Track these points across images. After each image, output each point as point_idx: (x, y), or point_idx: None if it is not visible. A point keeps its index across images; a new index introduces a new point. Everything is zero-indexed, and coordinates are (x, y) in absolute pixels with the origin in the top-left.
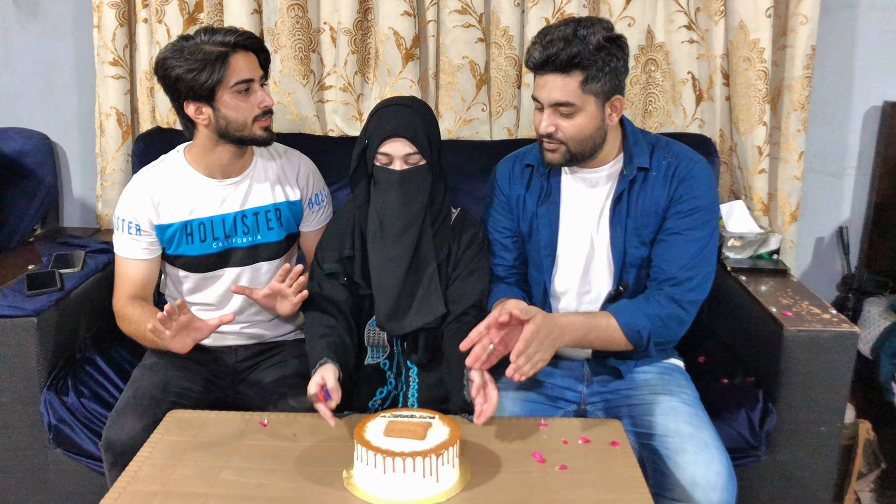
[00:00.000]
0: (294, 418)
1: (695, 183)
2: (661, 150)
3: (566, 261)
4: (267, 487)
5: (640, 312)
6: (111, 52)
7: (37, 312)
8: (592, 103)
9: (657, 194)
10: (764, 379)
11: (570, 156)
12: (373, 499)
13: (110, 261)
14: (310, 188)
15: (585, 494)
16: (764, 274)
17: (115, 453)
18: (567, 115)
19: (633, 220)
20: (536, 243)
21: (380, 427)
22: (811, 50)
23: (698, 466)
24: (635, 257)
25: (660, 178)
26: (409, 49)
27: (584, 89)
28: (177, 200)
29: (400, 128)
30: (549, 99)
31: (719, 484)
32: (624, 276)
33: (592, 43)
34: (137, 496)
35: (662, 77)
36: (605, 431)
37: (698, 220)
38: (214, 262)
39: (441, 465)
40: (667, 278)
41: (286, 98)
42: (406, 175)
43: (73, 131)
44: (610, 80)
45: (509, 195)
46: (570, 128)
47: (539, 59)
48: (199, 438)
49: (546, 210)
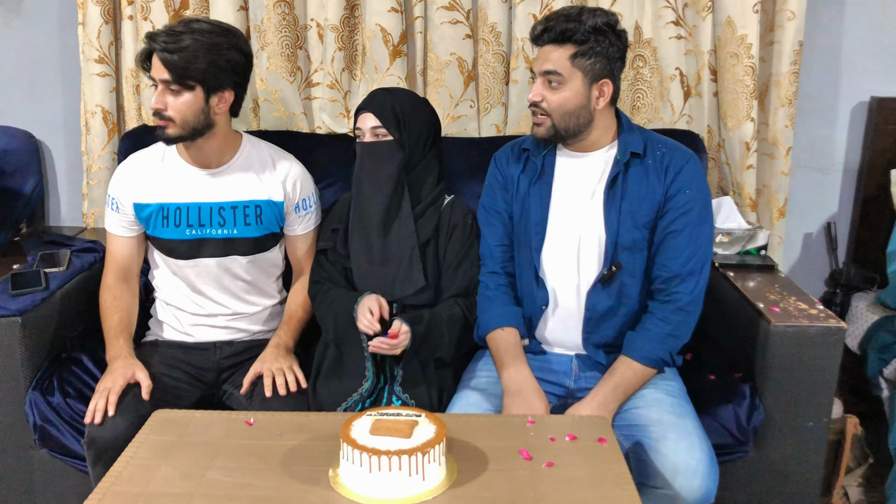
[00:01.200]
0: (280, 417)
1: (691, 178)
2: (654, 140)
3: (556, 239)
4: (252, 487)
5: (654, 341)
6: (96, 50)
7: (21, 312)
8: (579, 80)
9: (653, 182)
10: (751, 374)
11: (555, 130)
12: (359, 498)
13: (96, 260)
14: (297, 193)
15: (573, 492)
16: (752, 270)
17: (98, 450)
18: (554, 86)
19: (627, 203)
20: (526, 221)
21: (366, 426)
22: (798, 45)
23: (679, 454)
24: (628, 240)
25: (655, 165)
26: (397, 45)
27: (573, 63)
28: (157, 182)
29: (369, 103)
30: (540, 68)
31: (700, 470)
32: (615, 258)
33: (588, 23)
34: (121, 496)
35: (650, 73)
36: (593, 428)
37: (695, 216)
38: (188, 250)
39: (427, 463)
40: (670, 276)
41: (273, 95)
42: (371, 146)
43: (58, 129)
44: (600, 62)
45: (506, 174)
46: (555, 99)
47: (539, 29)
48: (185, 438)
49: (538, 189)
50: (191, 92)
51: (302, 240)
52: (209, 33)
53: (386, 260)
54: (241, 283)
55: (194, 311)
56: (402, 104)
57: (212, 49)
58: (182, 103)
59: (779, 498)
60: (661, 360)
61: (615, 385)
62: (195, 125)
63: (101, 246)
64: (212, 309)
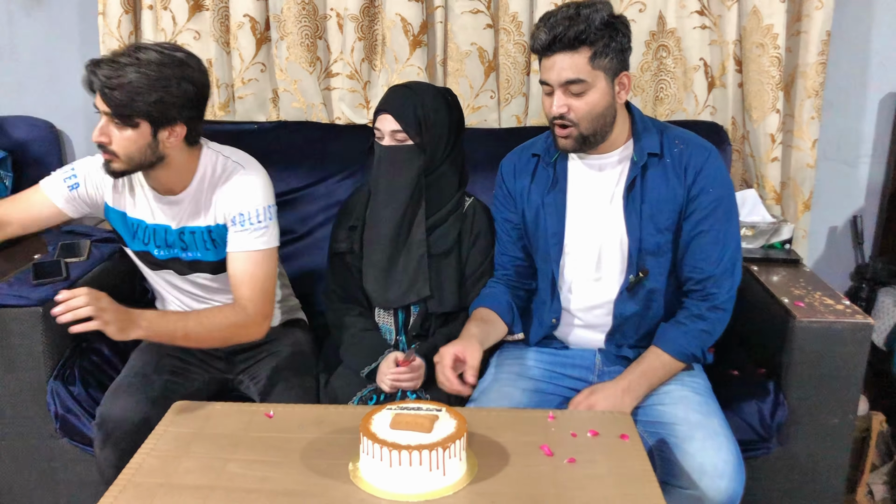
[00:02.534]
0: (299, 410)
1: (713, 176)
2: (670, 135)
3: (575, 249)
4: (273, 480)
5: (688, 336)
6: (116, 40)
7: (43, 302)
8: (602, 79)
9: (672, 183)
10: (776, 370)
11: (583, 139)
12: (379, 492)
13: (116, 250)
14: (233, 207)
15: (594, 488)
16: (776, 264)
17: (107, 431)
18: (578, 93)
19: (648, 206)
20: (544, 232)
21: (386, 420)
22: (826, 36)
23: (706, 454)
24: (652, 244)
25: (673, 164)
26: (417, 35)
27: (593, 65)
28: (128, 195)
29: (389, 105)
30: (559, 79)
31: (727, 472)
32: (641, 264)
33: (596, 20)
34: (141, 488)
35: (674, 63)
36: (615, 424)
37: (723, 213)
38: (158, 262)
39: (448, 458)
40: (705, 277)
41: (292, 86)
42: (390, 151)
43: (78, 119)
44: (616, 57)
45: (512, 188)
46: (582, 106)
47: (546, 39)
48: (204, 430)
49: (553, 198)
50: (134, 129)
51: (233, 259)
52: (157, 65)
53: (394, 267)
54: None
55: (180, 306)
56: (425, 104)
57: (158, 83)
58: (125, 139)
59: (803, 495)
60: (692, 355)
61: (642, 372)
62: (141, 161)
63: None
64: (197, 305)
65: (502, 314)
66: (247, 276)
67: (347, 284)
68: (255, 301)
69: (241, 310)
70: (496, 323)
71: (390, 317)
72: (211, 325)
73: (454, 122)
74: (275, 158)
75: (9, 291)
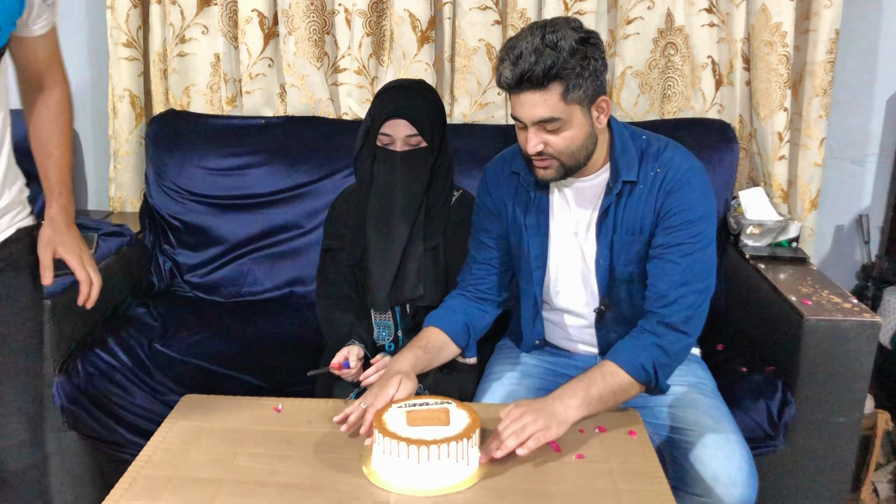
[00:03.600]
0: (309, 404)
1: (685, 194)
2: (650, 158)
3: (557, 273)
4: (282, 474)
5: (639, 346)
6: (124, 34)
7: (50, 295)
8: (578, 112)
9: (644, 209)
10: (783, 368)
11: (565, 170)
12: (393, 487)
13: (123, 244)
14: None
15: (602, 484)
16: (783, 262)
17: None
18: (554, 130)
19: (619, 236)
20: (526, 254)
21: (400, 418)
22: (835, 34)
23: (719, 461)
24: (624, 273)
25: (646, 190)
26: (425, 31)
27: (567, 100)
28: None
29: (402, 109)
30: (531, 117)
31: (740, 480)
32: (614, 293)
33: (566, 49)
34: (151, 481)
35: (682, 61)
36: (623, 421)
37: (689, 233)
38: None
39: (471, 447)
40: (657, 297)
41: (300, 81)
42: (406, 156)
43: (86, 113)
44: (591, 84)
45: (497, 200)
46: (559, 142)
47: (512, 78)
48: (213, 424)
49: (535, 220)
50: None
51: (43, 42)
52: None
53: (404, 267)
54: None
55: None
56: (431, 104)
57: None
58: None
59: (808, 493)
60: (643, 367)
61: (578, 380)
62: None
63: (128, 230)
64: None
65: (456, 337)
66: (53, 58)
67: (338, 282)
68: (65, 76)
69: (63, 92)
70: (443, 348)
71: (388, 314)
72: (67, 137)
73: (443, 112)
74: (282, 153)
75: None
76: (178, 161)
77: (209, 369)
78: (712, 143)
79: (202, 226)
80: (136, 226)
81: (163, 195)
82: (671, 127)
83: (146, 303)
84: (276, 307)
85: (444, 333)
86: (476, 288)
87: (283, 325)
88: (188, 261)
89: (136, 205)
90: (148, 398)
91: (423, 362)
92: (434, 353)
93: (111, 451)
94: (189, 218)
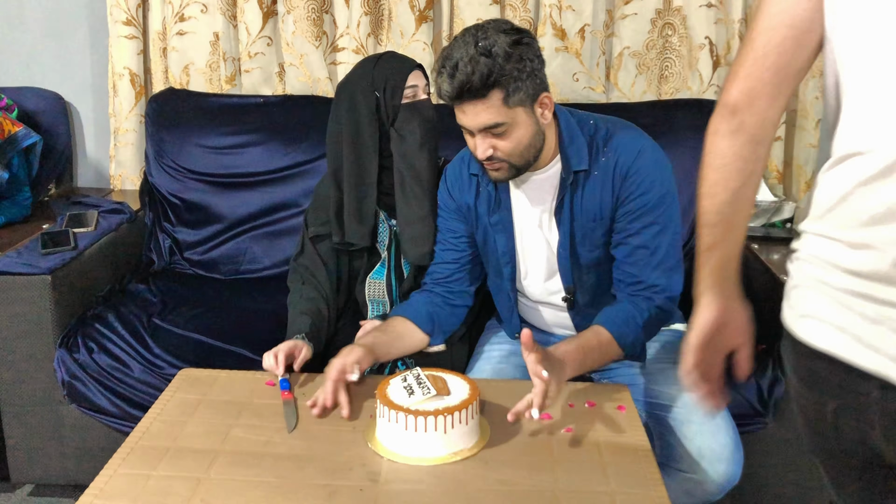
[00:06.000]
0: (304, 379)
1: (640, 178)
2: (599, 144)
3: (526, 266)
4: (276, 444)
5: (633, 322)
6: (124, 12)
7: (51, 270)
8: (522, 113)
9: (602, 195)
10: (774, 346)
11: (516, 170)
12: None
13: (123, 221)
14: None
15: (591, 457)
16: (777, 242)
17: None
18: (500, 134)
19: (579, 224)
20: (494, 251)
21: (401, 390)
22: None
23: (704, 437)
24: (591, 259)
25: (601, 177)
26: (423, 11)
27: (508, 104)
28: None
29: (413, 62)
30: (476, 125)
31: (725, 455)
32: (583, 279)
33: (500, 55)
34: (149, 451)
35: (679, 42)
36: (612, 396)
37: (651, 217)
38: None
39: (471, 416)
40: (633, 281)
41: (298, 60)
42: (428, 104)
43: (86, 92)
44: (531, 83)
45: (460, 201)
46: (507, 145)
47: (452, 91)
48: (209, 396)
49: (499, 218)
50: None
51: None
52: None
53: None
54: None
55: None
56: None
57: None
58: None
59: (796, 470)
60: (633, 344)
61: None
62: None
63: (127, 207)
64: None
65: (421, 324)
66: None
67: (316, 270)
68: None
69: None
70: (405, 334)
71: (382, 287)
72: None
73: None
74: (280, 132)
75: (18, 260)
76: (178, 139)
77: (207, 344)
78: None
79: (201, 204)
80: (136, 203)
81: (162, 173)
82: (668, 108)
83: (146, 279)
84: (275, 284)
85: (408, 320)
86: (446, 288)
87: (280, 302)
88: (187, 238)
89: (136, 183)
90: (147, 372)
91: (381, 343)
92: (394, 337)
93: (110, 424)
94: (188, 196)
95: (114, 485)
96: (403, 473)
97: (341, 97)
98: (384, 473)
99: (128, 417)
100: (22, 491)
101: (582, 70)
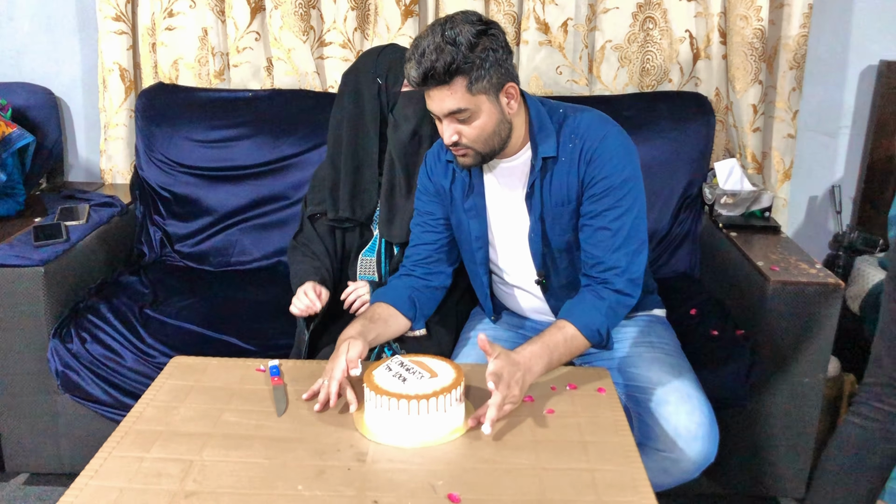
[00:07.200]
0: (293, 365)
1: (603, 162)
2: (567, 131)
3: (500, 251)
4: (267, 428)
5: (595, 311)
6: (113, 8)
7: (44, 262)
8: (486, 101)
9: (569, 180)
10: (752, 332)
11: (481, 157)
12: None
13: (114, 214)
14: None
15: (571, 436)
16: (755, 231)
17: None
18: (464, 120)
19: (549, 209)
20: (468, 236)
21: (389, 376)
22: (808, 9)
23: (680, 418)
24: (561, 243)
25: (567, 162)
26: (409, 6)
27: (472, 91)
28: None
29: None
30: (441, 110)
31: (701, 434)
32: (555, 263)
33: (464, 44)
34: (142, 435)
35: (660, 35)
36: (592, 378)
37: (614, 199)
38: None
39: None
40: (595, 262)
41: (286, 54)
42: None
43: (76, 87)
44: (495, 73)
45: (437, 185)
46: (471, 132)
47: (418, 76)
48: (201, 383)
49: (473, 203)
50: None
51: None
52: None
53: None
54: None
55: None
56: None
57: None
58: None
59: (774, 451)
60: (598, 332)
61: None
62: None
63: (119, 201)
64: None
65: (403, 309)
66: None
67: (315, 245)
68: None
69: None
70: (390, 319)
71: (373, 264)
72: None
73: None
74: (268, 126)
75: (11, 252)
76: (168, 133)
77: (198, 333)
78: (690, 116)
79: (191, 197)
80: (126, 197)
81: (152, 167)
82: (650, 100)
83: (137, 271)
84: (264, 275)
85: (391, 306)
86: (425, 269)
87: (270, 292)
88: (178, 231)
89: (126, 177)
90: (139, 361)
91: (370, 331)
92: (381, 323)
93: (104, 413)
94: (178, 189)
95: (108, 467)
96: (390, 453)
97: (346, 83)
98: (371, 454)
99: (121, 406)
100: (17, 480)
101: (565, 63)
